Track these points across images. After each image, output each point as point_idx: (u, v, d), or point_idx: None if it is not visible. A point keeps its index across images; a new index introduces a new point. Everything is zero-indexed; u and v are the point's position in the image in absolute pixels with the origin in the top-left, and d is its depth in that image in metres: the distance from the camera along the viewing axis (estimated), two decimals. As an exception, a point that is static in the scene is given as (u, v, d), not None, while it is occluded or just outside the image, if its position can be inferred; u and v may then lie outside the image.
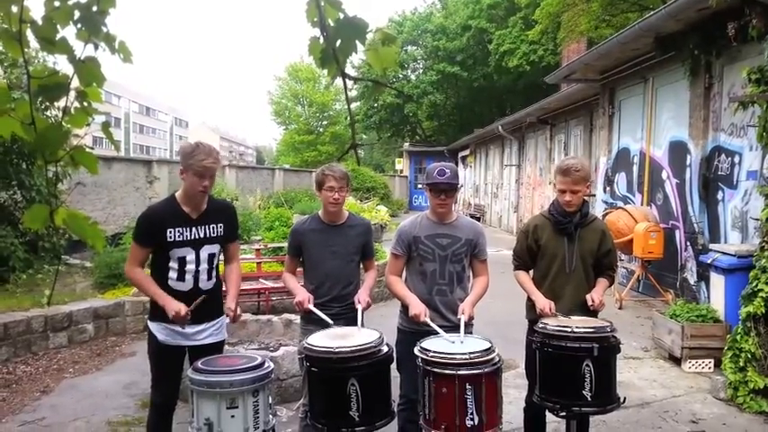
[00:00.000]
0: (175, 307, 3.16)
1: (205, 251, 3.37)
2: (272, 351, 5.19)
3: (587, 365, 2.97)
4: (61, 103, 1.47)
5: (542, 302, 3.42)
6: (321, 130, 46.24)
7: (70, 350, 6.33)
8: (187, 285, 3.33)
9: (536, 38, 22.52)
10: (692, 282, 7.82)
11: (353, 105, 36.09)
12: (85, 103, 1.50)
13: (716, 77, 7.41)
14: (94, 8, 1.45)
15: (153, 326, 3.35)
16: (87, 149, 1.53)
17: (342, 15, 1.24)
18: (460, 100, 34.07)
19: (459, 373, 2.80)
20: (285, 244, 9.46)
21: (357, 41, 1.24)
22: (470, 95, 32.99)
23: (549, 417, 3.66)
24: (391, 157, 45.26)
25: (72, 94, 1.53)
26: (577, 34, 18.98)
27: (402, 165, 35.65)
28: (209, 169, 3.26)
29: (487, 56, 28.72)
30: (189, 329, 3.30)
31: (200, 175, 3.23)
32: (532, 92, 24.97)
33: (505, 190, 21.41)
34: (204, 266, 3.37)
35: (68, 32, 1.48)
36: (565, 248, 3.50)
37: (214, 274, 3.46)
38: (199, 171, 3.22)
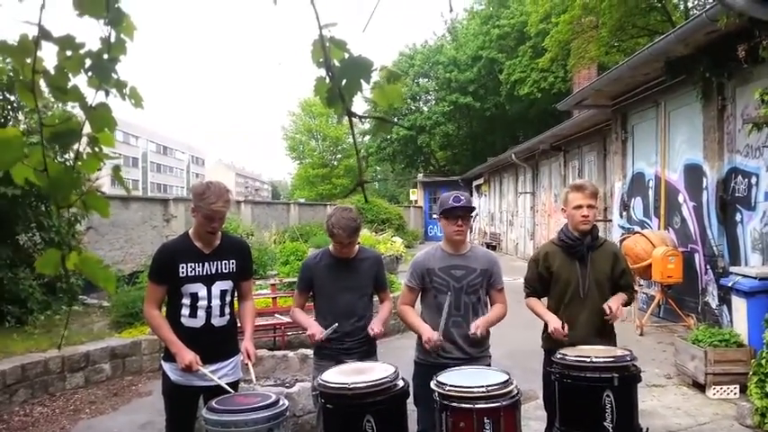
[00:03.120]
0: (187, 359, 3.16)
1: (217, 287, 3.37)
2: (287, 387, 5.14)
3: (608, 396, 2.92)
4: (75, 147, 1.50)
5: (554, 323, 3.38)
6: (335, 163, 46.61)
7: (87, 390, 6.33)
8: (199, 321, 3.33)
9: (546, 66, 22.67)
10: (713, 305, 7.68)
11: (366, 138, 36.44)
12: (97, 149, 1.52)
13: (729, 99, 7.38)
14: (105, 56, 1.49)
15: (166, 366, 3.35)
16: (99, 193, 1.55)
17: (347, 55, 1.26)
18: (473, 129, 34.23)
19: (476, 406, 2.76)
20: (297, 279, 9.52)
21: (362, 80, 1.25)
22: (483, 125, 33.15)
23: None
24: (405, 188, 45.38)
25: (84, 139, 1.56)
26: (587, 60, 19.08)
27: (416, 195, 35.73)
28: (219, 213, 3.28)
29: (498, 85, 28.91)
30: (202, 370, 3.29)
31: (209, 218, 3.25)
32: (544, 119, 25.04)
33: (521, 218, 21.33)
34: (216, 302, 3.37)
35: (80, 80, 1.52)
36: (578, 273, 3.47)
37: (227, 311, 3.45)
38: (208, 214, 3.24)
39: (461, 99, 30.62)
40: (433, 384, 2.93)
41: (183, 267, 3.29)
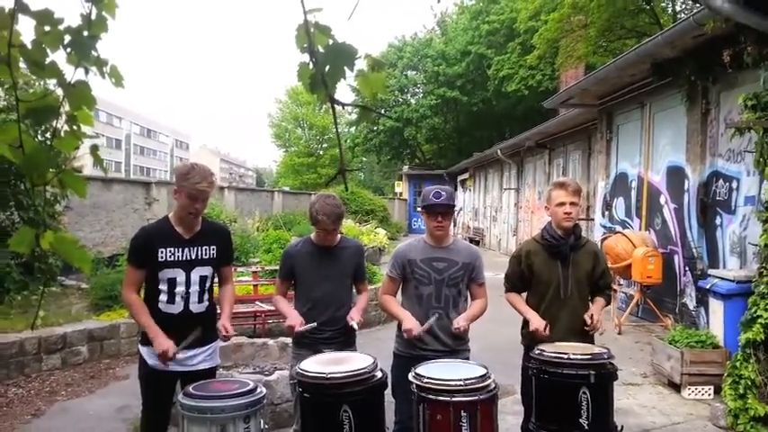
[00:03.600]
0: (164, 345, 3.12)
1: (196, 273, 3.33)
2: (266, 375, 5.12)
3: (584, 393, 2.93)
4: (52, 125, 1.46)
5: (536, 322, 3.40)
6: (321, 152, 46.45)
7: (63, 372, 6.26)
8: (177, 308, 3.29)
9: (534, 63, 22.71)
10: (691, 307, 7.77)
11: (353, 129, 36.33)
12: (75, 127, 1.49)
13: (713, 103, 7.45)
14: (85, 33, 1.45)
15: (144, 350, 3.31)
16: (76, 173, 1.52)
17: (331, 41, 1.24)
18: (460, 124, 34.28)
19: (453, 399, 2.76)
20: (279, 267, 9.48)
21: (346, 67, 1.23)
22: (469, 120, 33.20)
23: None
24: (391, 180, 45.38)
25: (63, 117, 1.52)
26: (575, 60, 19.16)
27: (401, 188, 35.73)
28: (203, 193, 3.25)
29: (486, 81, 28.94)
30: (180, 354, 3.26)
31: (192, 198, 3.22)
32: (531, 116, 25.14)
33: (504, 213, 21.42)
34: (195, 288, 3.33)
35: (59, 56, 1.48)
36: (559, 274, 3.49)
37: (206, 297, 3.41)
38: (192, 194, 3.20)
39: (449, 93, 30.63)
40: (410, 376, 2.93)
41: (162, 252, 3.25)
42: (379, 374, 2.89)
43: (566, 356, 3.01)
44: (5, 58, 1.33)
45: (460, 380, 2.80)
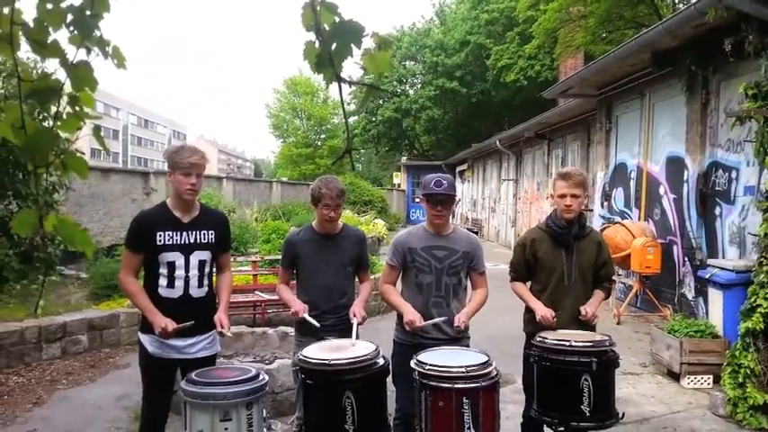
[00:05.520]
0: (162, 323, 3.11)
1: (195, 257, 3.32)
2: (267, 364, 5.13)
3: (585, 380, 2.94)
4: (54, 107, 1.45)
5: (543, 311, 3.39)
6: (319, 143, 46.31)
7: (64, 361, 6.27)
8: (177, 292, 3.28)
9: (533, 53, 22.65)
10: (689, 297, 7.78)
11: (352, 119, 36.24)
12: (77, 108, 1.47)
13: (713, 93, 7.43)
14: (88, 12, 1.43)
15: (144, 338, 3.31)
16: (79, 154, 1.50)
17: (337, 19, 1.22)
18: (458, 115, 34.22)
19: (456, 386, 2.76)
20: (280, 257, 9.46)
21: (353, 45, 1.22)
22: (468, 110, 33.13)
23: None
24: (389, 170, 45.31)
25: (64, 99, 1.51)
26: (574, 49, 19.11)
27: (399, 179, 35.69)
28: (196, 166, 3.24)
29: (485, 71, 28.87)
30: (180, 342, 3.26)
31: (186, 172, 3.21)
32: (530, 107, 25.06)
33: (503, 204, 21.42)
34: (195, 272, 3.32)
35: (61, 36, 1.46)
36: (563, 261, 3.48)
37: (206, 282, 3.40)
38: (185, 168, 3.19)
39: (448, 84, 30.54)
40: (413, 363, 2.93)
41: (160, 235, 3.24)
42: (381, 361, 2.89)
43: (568, 344, 3.02)
44: (7, 37, 1.31)
45: (462, 367, 2.80)
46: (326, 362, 2.76)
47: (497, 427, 2.88)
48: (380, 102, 33.75)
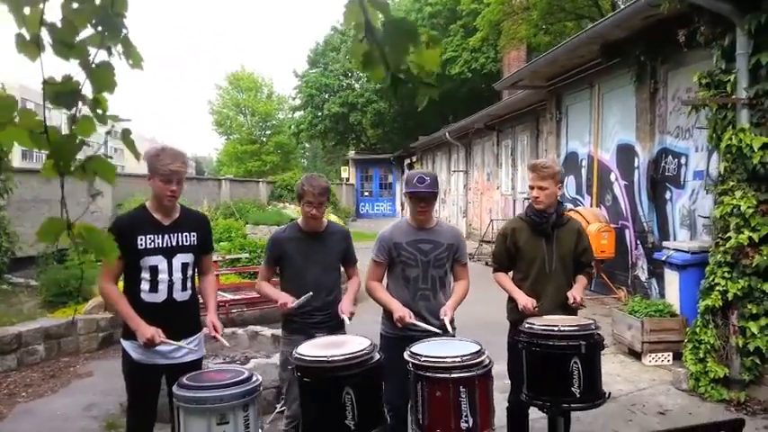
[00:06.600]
0: (147, 333, 3.03)
1: (178, 260, 3.25)
2: (240, 364, 5.06)
3: (575, 363, 3.03)
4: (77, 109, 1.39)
5: (524, 300, 3.48)
6: (264, 139, 45.66)
7: (20, 373, 6.01)
8: (161, 296, 3.20)
9: (477, 45, 22.95)
10: (643, 279, 8.10)
11: (297, 115, 35.95)
12: (99, 111, 1.42)
13: (661, 82, 7.73)
14: (110, 11, 1.38)
15: (127, 344, 3.21)
16: (105, 158, 1.45)
17: (386, 18, 1.22)
18: (404, 108, 34.30)
19: (452, 376, 2.80)
20: (241, 255, 9.31)
21: (410, 44, 1.22)
22: (413, 103, 33.14)
23: (531, 415, 3.73)
24: (335, 165, 45.09)
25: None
26: (517, 41, 19.48)
27: (348, 173, 35.62)
28: (176, 173, 3.18)
29: (430, 64, 29.03)
30: (166, 348, 3.18)
31: (166, 179, 3.14)
32: (475, 99, 25.45)
33: (453, 195, 21.70)
34: (178, 276, 3.25)
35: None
36: (544, 250, 3.57)
37: (189, 285, 3.33)
38: (165, 175, 3.13)
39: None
40: (406, 355, 2.95)
41: (141, 239, 3.15)
42: (377, 356, 2.90)
43: (556, 329, 3.10)
44: (35, 38, 1.25)
45: (458, 356, 2.85)
46: (325, 359, 2.75)
47: (493, 413, 2.94)
48: (326, 96, 33.56)
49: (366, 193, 34.35)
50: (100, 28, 1.31)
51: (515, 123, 14.95)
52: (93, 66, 1.40)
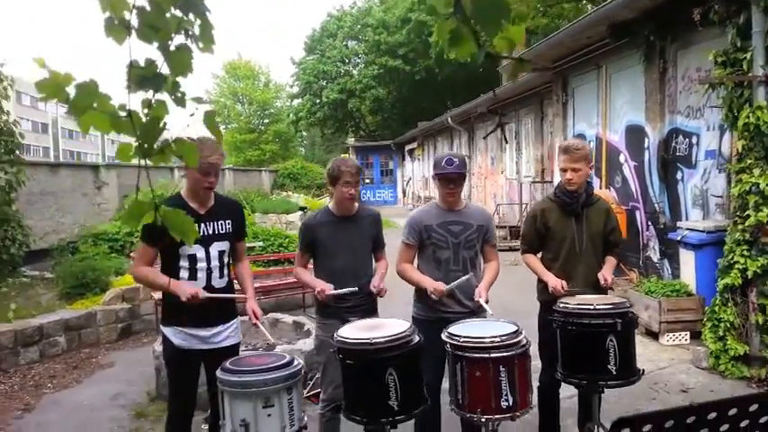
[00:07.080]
0: (190, 290, 3.07)
1: (215, 248, 3.29)
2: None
3: (611, 340, 3.07)
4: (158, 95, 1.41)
5: (554, 281, 3.51)
6: (263, 128, 45.53)
7: (43, 365, 6.06)
8: (200, 284, 3.24)
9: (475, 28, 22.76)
10: (655, 260, 8.14)
11: (296, 102, 35.79)
12: (179, 94, 1.44)
13: (670, 62, 7.71)
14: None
15: (167, 330, 3.25)
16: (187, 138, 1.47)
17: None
18: (403, 93, 34.20)
19: (491, 356, 2.84)
20: (254, 244, 9.34)
21: (502, 19, 1.23)
22: (413, 89, 33.15)
23: (562, 393, 3.77)
24: (334, 153, 44.92)
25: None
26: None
27: (348, 160, 35.48)
28: (215, 166, 3.21)
29: (428, 48, 28.92)
30: (205, 332, 3.23)
31: (205, 172, 3.17)
32: (474, 83, 25.35)
33: (456, 181, 21.65)
34: (216, 263, 3.29)
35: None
36: (573, 229, 3.60)
37: (226, 272, 3.37)
38: (204, 168, 3.15)
39: (391, 62, 30.48)
40: (444, 336, 3.00)
41: None
42: (417, 338, 2.94)
43: (591, 307, 3.14)
44: (124, 21, 1.26)
45: (496, 336, 2.89)
46: (368, 341, 2.79)
47: (531, 392, 2.99)
48: (324, 83, 33.42)
49: (367, 181, 34.29)
50: (182, 10, 1.32)
51: (519, 107, 14.92)
52: (176, 49, 1.41)
